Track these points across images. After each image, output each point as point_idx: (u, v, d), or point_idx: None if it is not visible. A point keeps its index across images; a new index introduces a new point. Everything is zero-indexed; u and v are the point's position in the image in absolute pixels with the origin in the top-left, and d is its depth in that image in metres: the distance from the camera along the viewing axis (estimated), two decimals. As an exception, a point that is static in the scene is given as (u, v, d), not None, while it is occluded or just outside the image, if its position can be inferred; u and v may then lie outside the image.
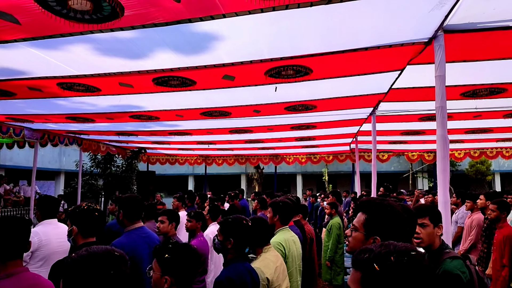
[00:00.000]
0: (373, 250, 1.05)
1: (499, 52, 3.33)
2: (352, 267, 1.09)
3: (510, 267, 3.90)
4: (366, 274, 1.03)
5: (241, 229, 2.33)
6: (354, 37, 3.05)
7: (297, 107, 5.35)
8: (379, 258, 1.02)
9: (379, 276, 1.00)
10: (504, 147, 10.30)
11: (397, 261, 1.01)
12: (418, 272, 1.01)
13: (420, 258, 1.04)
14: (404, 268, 1.00)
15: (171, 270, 1.83)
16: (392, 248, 1.05)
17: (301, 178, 25.58)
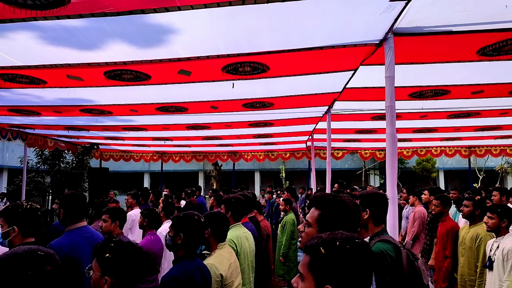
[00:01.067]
0: (322, 237, 1.16)
1: (444, 55, 3.53)
2: (303, 253, 1.18)
3: (452, 259, 4.17)
4: (314, 258, 1.12)
5: (192, 224, 2.29)
6: (309, 36, 3.10)
7: (254, 104, 5.36)
8: (325, 243, 1.12)
9: (325, 259, 1.10)
10: (447, 146, 11.00)
11: (341, 246, 1.11)
12: (360, 257, 1.11)
13: (363, 245, 1.14)
14: (347, 253, 1.10)
15: (111, 270, 1.75)
16: (339, 236, 1.15)
17: (259, 175, 25.80)
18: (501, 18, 2.78)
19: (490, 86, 4.61)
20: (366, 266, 1.12)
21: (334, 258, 1.10)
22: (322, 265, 1.11)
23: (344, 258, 1.09)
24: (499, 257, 3.16)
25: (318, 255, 1.12)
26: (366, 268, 1.12)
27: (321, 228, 1.55)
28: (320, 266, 1.11)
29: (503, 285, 3.04)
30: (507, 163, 21.09)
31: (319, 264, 1.11)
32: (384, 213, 2.30)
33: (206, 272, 2.27)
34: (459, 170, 22.57)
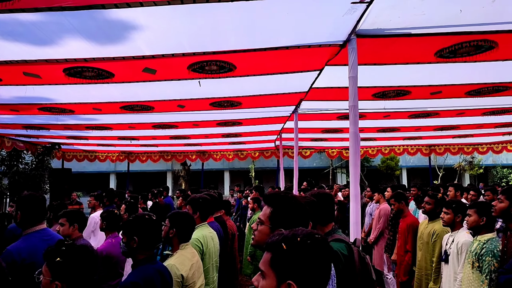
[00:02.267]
0: (283, 233, 1.17)
1: (404, 57, 3.66)
2: (265, 250, 1.19)
3: (412, 253, 4.34)
4: (275, 254, 1.13)
5: (144, 225, 2.22)
6: (275, 35, 3.12)
7: (222, 103, 5.33)
8: (287, 239, 1.14)
9: (286, 255, 1.11)
10: (409, 144, 11.43)
11: (302, 242, 1.13)
12: (320, 252, 1.13)
13: (322, 240, 1.17)
14: (308, 248, 1.12)
15: (62, 275, 1.67)
16: (300, 232, 1.17)
17: (229, 175, 25.73)
18: (456, 22, 2.91)
19: (448, 87, 4.83)
20: (325, 260, 1.14)
21: (295, 254, 1.11)
22: (283, 261, 1.12)
23: (305, 253, 1.11)
24: (454, 250, 3.32)
25: (280, 251, 1.12)
26: (325, 262, 1.14)
27: (274, 226, 1.56)
28: (282, 263, 1.12)
29: (458, 277, 3.20)
30: (465, 161, 22.24)
31: (280, 261, 1.12)
32: (331, 212, 2.34)
33: (167, 274, 2.22)
34: (420, 168, 23.54)
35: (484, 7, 2.65)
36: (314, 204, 2.19)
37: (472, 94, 5.08)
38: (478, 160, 22.26)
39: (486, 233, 3.00)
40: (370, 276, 2.28)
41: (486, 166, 23.47)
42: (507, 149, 11.06)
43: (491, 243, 2.88)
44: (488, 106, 5.97)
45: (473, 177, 24.34)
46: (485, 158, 21.45)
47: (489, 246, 2.87)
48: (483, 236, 3.00)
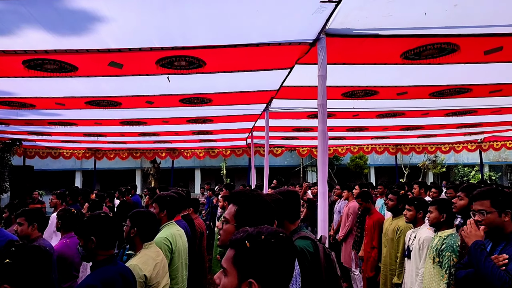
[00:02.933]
0: (248, 231, 1.16)
1: (372, 57, 3.73)
2: (228, 247, 1.17)
3: (378, 249, 4.46)
4: (239, 251, 1.12)
5: (101, 224, 2.13)
6: (245, 32, 3.09)
7: (192, 100, 5.25)
8: (251, 237, 1.13)
9: (249, 253, 1.10)
10: (377, 144, 11.74)
11: (267, 240, 1.11)
12: (284, 251, 1.12)
13: (287, 239, 1.16)
14: (272, 247, 1.11)
15: (11, 277, 1.57)
16: (265, 230, 1.16)
17: (200, 173, 25.49)
18: (421, 24, 3.00)
19: (413, 88, 4.97)
20: (289, 260, 1.14)
21: (259, 252, 1.10)
22: (246, 259, 1.10)
23: (269, 252, 1.10)
24: (416, 246, 3.43)
25: (243, 249, 1.11)
26: (289, 262, 1.14)
27: (239, 224, 1.54)
28: (245, 260, 1.10)
29: (419, 272, 3.31)
30: (429, 160, 23.15)
31: (243, 258, 1.10)
32: (298, 210, 2.37)
33: (130, 276, 2.14)
34: (387, 166, 24.26)
35: (447, 11, 2.74)
36: (281, 202, 2.19)
37: (436, 95, 5.27)
38: (441, 159, 23.24)
39: (446, 229, 3.12)
40: (335, 273, 2.31)
41: (449, 165, 24.54)
42: (468, 148, 11.59)
43: (451, 239, 3.00)
44: (450, 107, 6.21)
45: (436, 176, 25.37)
46: (447, 157, 22.42)
47: (448, 241, 2.99)
48: (443, 232, 3.11)
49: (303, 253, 2.10)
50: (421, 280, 3.20)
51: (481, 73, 4.28)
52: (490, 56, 3.67)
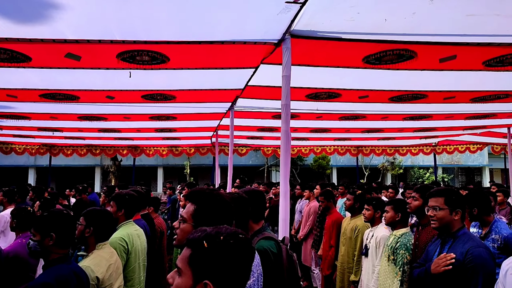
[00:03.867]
0: (206, 230, 1.12)
1: (335, 60, 3.80)
2: (185, 246, 1.13)
3: (336, 248, 4.57)
4: (195, 251, 1.08)
5: (63, 221, 2.05)
6: (210, 29, 3.05)
7: (155, 96, 5.12)
8: (209, 237, 1.09)
9: (207, 253, 1.07)
10: (339, 145, 12.05)
11: (225, 241, 1.09)
12: (242, 253, 1.10)
13: (246, 240, 1.14)
14: (230, 248, 1.09)
15: None
16: (223, 231, 1.13)
17: (163, 171, 24.99)
18: (382, 30, 3.09)
19: (374, 92, 5.14)
20: (247, 262, 1.12)
21: (216, 253, 1.07)
22: (203, 259, 1.07)
23: (227, 253, 1.08)
24: (373, 245, 3.55)
25: (200, 249, 1.08)
26: (246, 264, 1.12)
27: (197, 224, 1.51)
28: (201, 261, 1.07)
29: (375, 269, 3.43)
30: (387, 161, 24.10)
31: (200, 259, 1.07)
32: (263, 210, 2.38)
33: (83, 276, 2.05)
34: (349, 167, 24.98)
35: (405, 18, 2.84)
36: (246, 201, 2.18)
37: (395, 100, 5.48)
38: (399, 161, 24.28)
39: (401, 228, 3.25)
40: (296, 274, 2.35)
41: (406, 166, 25.67)
42: (423, 151, 12.18)
43: (405, 237, 3.13)
44: (408, 112, 6.48)
45: (394, 177, 26.44)
46: (405, 159, 23.46)
47: (403, 240, 3.11)
48: (398, 230, 3.24)
49: (266, 254, 2.10)
50: (377, 277, 3.32)
51: (436, 80, 4.49)
52: (445, 64, 3.86)
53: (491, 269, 2.27)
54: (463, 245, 2.34)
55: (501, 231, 3.26)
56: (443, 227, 2.47)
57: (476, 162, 26.58)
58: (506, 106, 5.81)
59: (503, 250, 3.15)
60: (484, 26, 3.02)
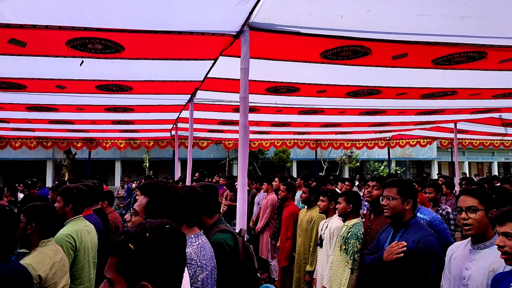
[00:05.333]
0: (129, 231, 1.04)
1: (294, 54, 3.83)
2: (109, 255, 1.04)
3: (292, 239, 4.66)
4: (123, 257, 1.00)
5: (6, 217, 1.94)
6: (168, 19, 2.96)
7: (110, 87, 4.92)
8: (134, 237, 1.01)
9: (136, 255, 0.99)
10: (299, 139, 12.27)
11: (152, 237, 1.02)
12: (173, 244, 1.05)
13: (174, 230, 1.08)
14: (159, 243, 1.02)
15: None
16: (148, 226, 1.06)
17: (120, 165, 24.21)
18: (338, 26, 3.16)
19: (331, 87, 5.25)
20: (179, 251, 1.07)
21: (146, 252, 1.00)
22: (133, 263, 0.99)
23: (156, 249, 1.01)
24: (327, 235, 3.67)
25: (127, 253, 1.00)
26: (180, 253, 1.07)
27: (149, 217, 1.47)
28: (131, 265, 0.99)
29: (329, 259, 3.55)
30: (345, 155, 24.91)
31: (129, 263, 0.99)
32: (216, 204, 2.40)
33: (26, 275, 1.94)
34: (308, 161, 25.53)
35: (360, 15, 2.92)
36: (199, 195, 2.16)
37: (351, 95, 5.64)
38: (356, 155, 25.17)
39: (352, 218, 3.38)
40: (253, 266, 2.37)
41: (362, 160, 26.68)
42: (378, 145, 12.71)
43: (356, 227, 3.26)
44: (363, 107, 6.71)
45: (352, 170, 27.39)
46: (361, 153, 24.36)
47: (354, 230, 3.24)
48: (350, 221, 3.37)
49: (222, 247, 2.11)
50: (330, 266, 3.43)
51: (390, 77, 4.68)
52: (397, 61, 4.02)
53: (441, 256, 2.42)
54: (415, 234, 2.47)
55: (425, 217, 3.57)
56: (395, 215, 2.60)
57: (426, 156, 28.18)
58: (453, 102, 6.18)
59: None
60: (433, 26, 3.17)
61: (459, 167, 16.45)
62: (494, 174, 22.47)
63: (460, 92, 5.42)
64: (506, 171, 32.25)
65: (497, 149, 14.04)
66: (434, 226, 3.43)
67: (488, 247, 2.08)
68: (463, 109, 7.03)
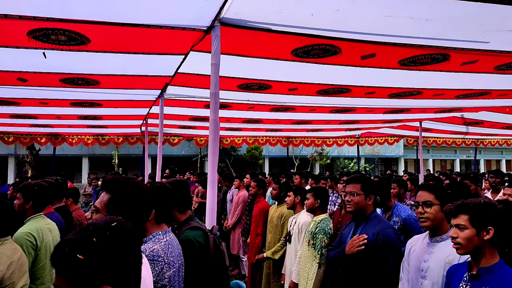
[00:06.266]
0: (72, 240, 0.95)
1: (265, 51, 3.83)
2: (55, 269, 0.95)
3: (262, 235, 4.70)
4: (72, 271, 0.92)
5: None
6: (136, 12, 2.89)
7: (75, 80, 4.74)
8: (80, 246, 0.93)
9: (87, 265, 0.92)
10: (271, 136, 12.34)
11: (100, 240, 0.95)
12: (123, 241, 0.99)
13: (122, 227, 1.02)
14: (109, 243, 0.96)
15: None
16: (91, 228, 0.98)
17: (88, 161, 23.49)
18: (309, 25, 3.19)
19: (302, 85, 5.31)
20: (131, 246, 1.02)
21: (97, 258, 0.93)
22: (85, 273, 0.92)
23: (108, 251, 0.95)
24: (295, 230, 3.72)
25: (77, 265, 0.92)
26: (133, 248, 1.02)
27: (111, 214, 1.43)
28: (84, 275, 0.92)
29: (297, 253, 3.60)
30: (316, 152, 25.30)
31: (81, 274, 0.92)
32: (189, 200, 2.38)
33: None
34: (280, 158, 25.76)
35: (330, 15, 2.96)
36: (168, 191, 2.13)
37: (322, 93, 5.72)
38: (326, 152, 25.63)
39: (320, 214, 3.45)
40: (224, 263, 2.37)
41: (332, 157, 27.20)
42: (348, 143, 13.00)
43: (324, 222, 3.33)
44: (334, 105, 6.83)
45: (322, 167, 27.88)
46: (331, 150, 24.81)
47: (321, 225, 3.31)
48: (318, 216, 3.43)
49: (191, 244, 2.09)
50: (298, 261, 3.48)
51: (359, 76, 4.78)
52: (366, 61, 4.11)
53: (399, 248, 2.53)
54: (374, 227, 2.57)
55: (401, 214, 3.71)
56: (358, 211, 2.69)
57: (393, 153, 29.13)
58: (418, 102, 6.41)
59: (402, 230, 3.56)
60: (400, 27, 3.26)
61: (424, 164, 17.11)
62: (457, 171, 23.58)
63: (425, 92, 5.62)
64: (468, 168, 33.89)
65: (459, 147, 14.73)
66: (409, 224, 3.55)
67: (445, 240, 2.19)
68: (428, 109, 7.31)
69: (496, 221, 1.78)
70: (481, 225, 1.77)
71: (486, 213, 1.78)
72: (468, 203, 1.83)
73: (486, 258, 1.78)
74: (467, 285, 1.78)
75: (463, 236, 1.78)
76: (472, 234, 1.77)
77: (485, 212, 1.78)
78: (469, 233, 1.77)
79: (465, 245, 1.78)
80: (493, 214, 1.78)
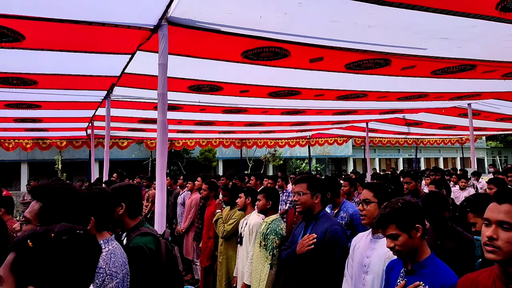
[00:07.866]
0: (34, 230, 0.98)
1: (215, 53, 3.80)
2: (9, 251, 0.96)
3: (214, 239, 4.64)
4: (19, 254, 0.93)
5: None
6: (76, 7, 2.72)
7: (9, 80, 4.39)
8: (36, 236, 0.95)
9: (32, 254, 0.92)
10: (224, 138, 12.29)
11: (56, 238, 0.95)
12: (79, 250, 0.98)
13: (85, 236, 1.01)
14: (63, 246, 0.95)
15: None
16: (57, 228, 0.99)
17: (28, 167, 21.91)
18: (258, 27, 3.20)
19: (254, 87, 5.34)
20: (89, 260, 1.00)
21: (44, 253, 0.93)
22: (28, 262, 0.92)
23: (58, 251, 0.94)
24: (246, 232, 3.72)
25: (25, 250, 0.93)
26: (88, 262, 0.99)
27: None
28: (25, 264, 0.92)
29: (249, 255, 3.60)
30: (269, 153, 25.62)
31: (24, 262, 0.92)
32: (139, 205, 2.30)
33: None
34: (234, 159, 25.75)
35: (279, 18, 3.00)
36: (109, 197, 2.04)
37: (273, 95, 5.79)
38: (279, 153, 26.05)
39: (271, 214, 3.48)
40: (177, 268, 2.30)
41: (285, 158, 27.71)
42: (300, 144, 13.29)
43: (275, 223, 3.36)
44: (285, 107, 6.95)
45: (276, 167, 28.28)
46: (284, 151, 25.28)
47: (272, 226, 3.33)
48: (269, 217, 3.46)
49: (141, 251, 2.02)
50: (250, 263, 3.48)
51: (308, 79, 4.90)
52: (314, 65, 4.22)
53: (345, 244, 2.61)
54: (323, 225, 2.63)
55: (348, 210, 3.88)
56: (306, 210, 2.74)
57: (343, 153, 30.31)
58: (364, 104, 6.71)
59: (349, 225, 3.72)
60: (345, 32, 3.37)
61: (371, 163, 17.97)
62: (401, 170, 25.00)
63: (370, 94, 5.90)
64: (410, 165, 36.11)
65: (402, 147, 15.67)
66: (355, 219, 3.70)
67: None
68: (373, 110, 7.68)
69: (419, 217, 1.90)
70: (410, 227, 1.87)
71: (409, 215, 1.88)
72: (389, 213, 1.89)
73: (419, 254, 1.89)
74: (404, 280, 1.88)
75: (399, 244, 1.87)
76: (406, 238, 1.86)
77: (408, 214, 1.88)
78: (403, 239, 1.86)
79: (404, 250, 1.87)
80: (414, 212, 1.89)
